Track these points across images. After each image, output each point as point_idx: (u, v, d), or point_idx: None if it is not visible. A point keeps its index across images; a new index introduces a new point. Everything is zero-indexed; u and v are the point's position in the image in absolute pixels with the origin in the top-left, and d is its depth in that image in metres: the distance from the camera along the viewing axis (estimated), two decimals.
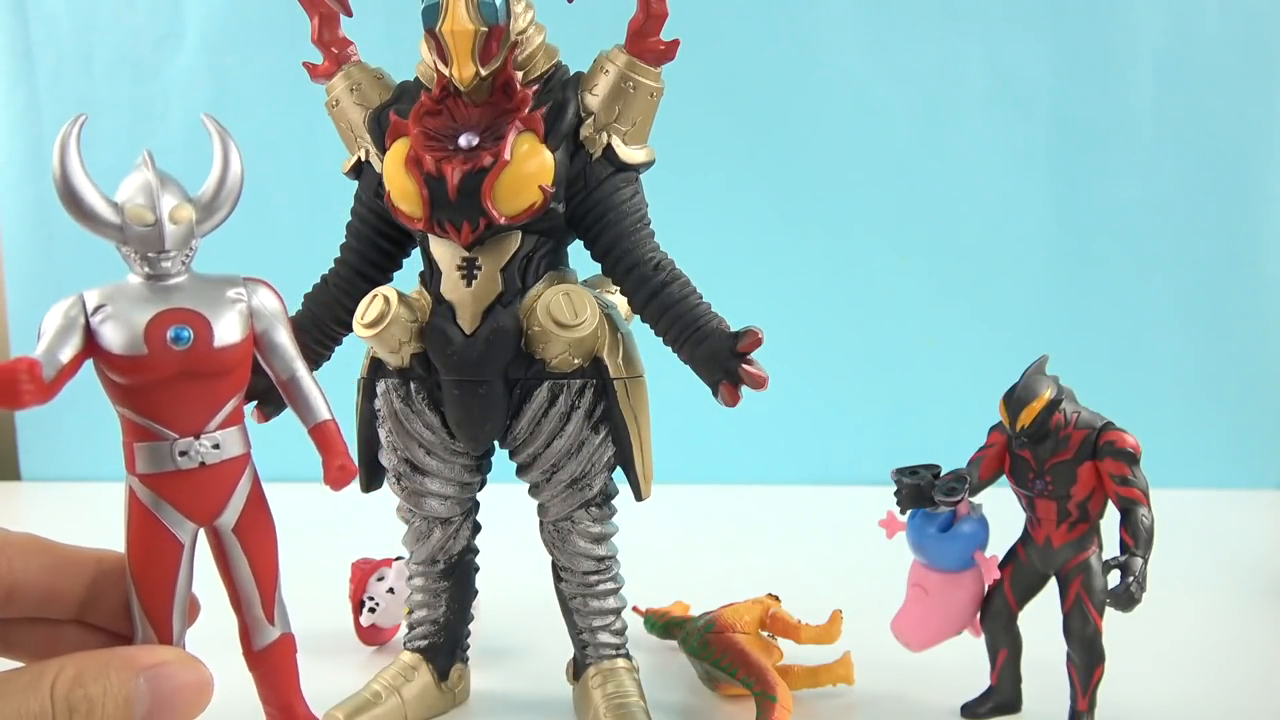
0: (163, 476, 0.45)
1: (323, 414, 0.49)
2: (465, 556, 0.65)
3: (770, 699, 0.60)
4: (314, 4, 0.60)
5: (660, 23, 0.56)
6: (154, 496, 0.45)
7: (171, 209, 0.45)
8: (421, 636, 0.64)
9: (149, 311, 0.44)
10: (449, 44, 0.55)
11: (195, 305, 0.45)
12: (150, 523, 0.46)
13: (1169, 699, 0.66)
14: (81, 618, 0.46)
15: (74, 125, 0.45)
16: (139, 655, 0.41)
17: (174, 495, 0.46)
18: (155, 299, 0.45)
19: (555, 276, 0.58)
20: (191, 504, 0.46)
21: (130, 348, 0.43)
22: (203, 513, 0.47)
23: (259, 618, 0.49)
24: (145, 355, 0.43)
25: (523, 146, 0.55)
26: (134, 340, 0.43)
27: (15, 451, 1.46)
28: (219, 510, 0.47)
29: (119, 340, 0.43)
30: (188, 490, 0.46)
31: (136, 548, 0.46)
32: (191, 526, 0.46)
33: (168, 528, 0.46)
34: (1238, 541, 1.08)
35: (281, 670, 0.51)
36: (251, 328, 0.47)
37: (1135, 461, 0.56)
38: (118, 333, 0.43)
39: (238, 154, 0.48)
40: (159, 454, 0.45)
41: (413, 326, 0.57)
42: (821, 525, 1.16)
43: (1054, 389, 0.58)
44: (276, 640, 0.50)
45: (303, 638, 0.51)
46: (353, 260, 0.61)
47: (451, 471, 0.61)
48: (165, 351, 0.44)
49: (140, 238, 0.44)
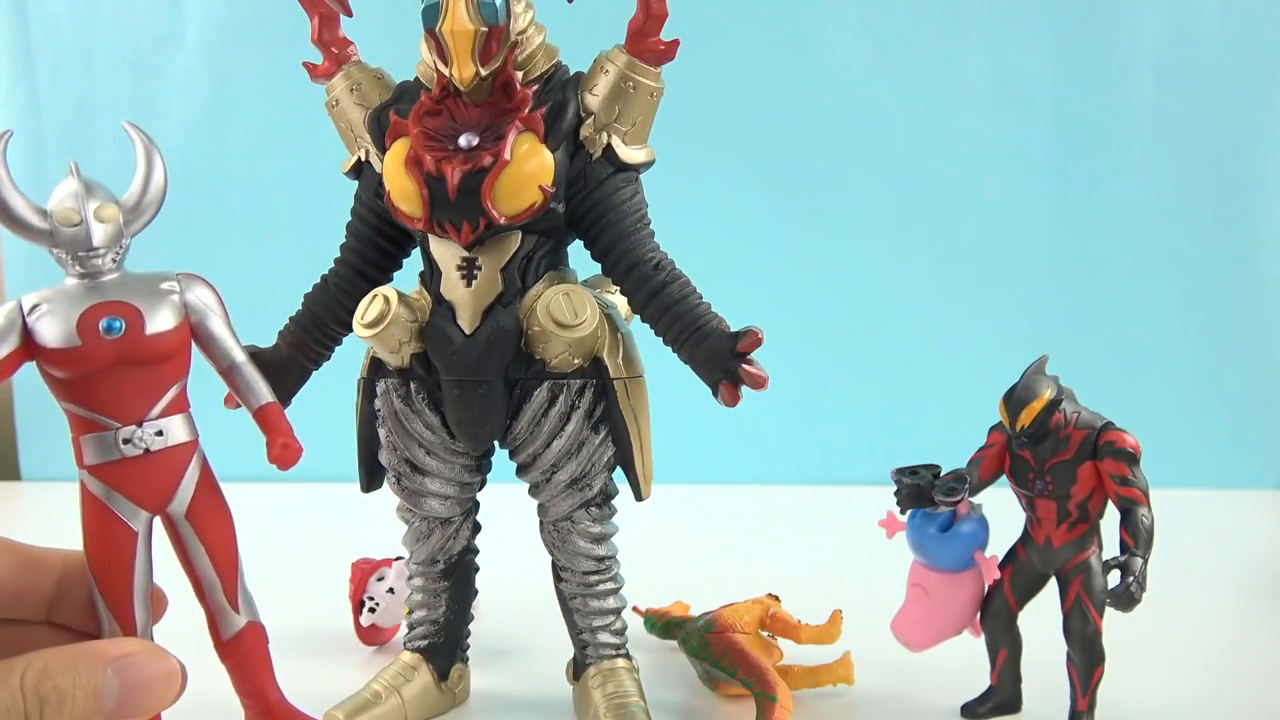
0: (110, 466, 0.47)
1: (265, 397, 0.51)
2: (465, 556, 0.65)
3: (770, 699, 0.60)
4: (314, 4, 0.60)
5: (660, 23, 0.56)
6: (104, 487, 0.47)
7: (96, 209, 0.47)
8: (421, 636, 0.64)
9: (81, 306, 0.47)
10: (449, 44, 0.55)
11: (126, 297, 0.47)
12: (103, 513, 0.47)
13: (1169, 699, 0.66)
14: (50, 618, 0.46)
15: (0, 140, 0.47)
16: (106, 648, 0.41)
17: (123, 484, 0.48)
18: (89, 295, 0.47)
19: (555, 276, 0.58)
20: (141, 492, 0.48)
21: (64, 340, 0.46)
22: (153, 500, 0.48)
23: (222, 605, 0.51)
24: (79, 346, 0.46)
25: (523, 146, 0.55)
26: (68, 333, 0.46)
27: (15, 451, 1.46)
28: (169, 497, 0.49)
29: (54, 334, 0.46)
30: (135, 477, 0.48)
31: (92, 540, 0.48)
32: (145, 515, 0.48)
33: (120, 517, 0.48)
34: (1238, 541, 1.08)
35: (253, 660, 0.52)
36: (186, 319, 0.49)
37: (1135, 461, 0.56)
38: (52, 327, 0.46)
39: (161, 160, 0.51)
40: (104, 443, 0.47)
41: (413, 326, 0.57)
42: (821, 525, 1.16)
43: (1054, 389, 0.58)
44: (244, 629, 0.52)
45: (303, 638, 0.51)
46: (353, 260, 0.61)
47: (451, 471, 0.61)
48: (98, 341, 0.46)
49: (70, 239, 0.47)
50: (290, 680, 0.55)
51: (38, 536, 0.50)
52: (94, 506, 0.48)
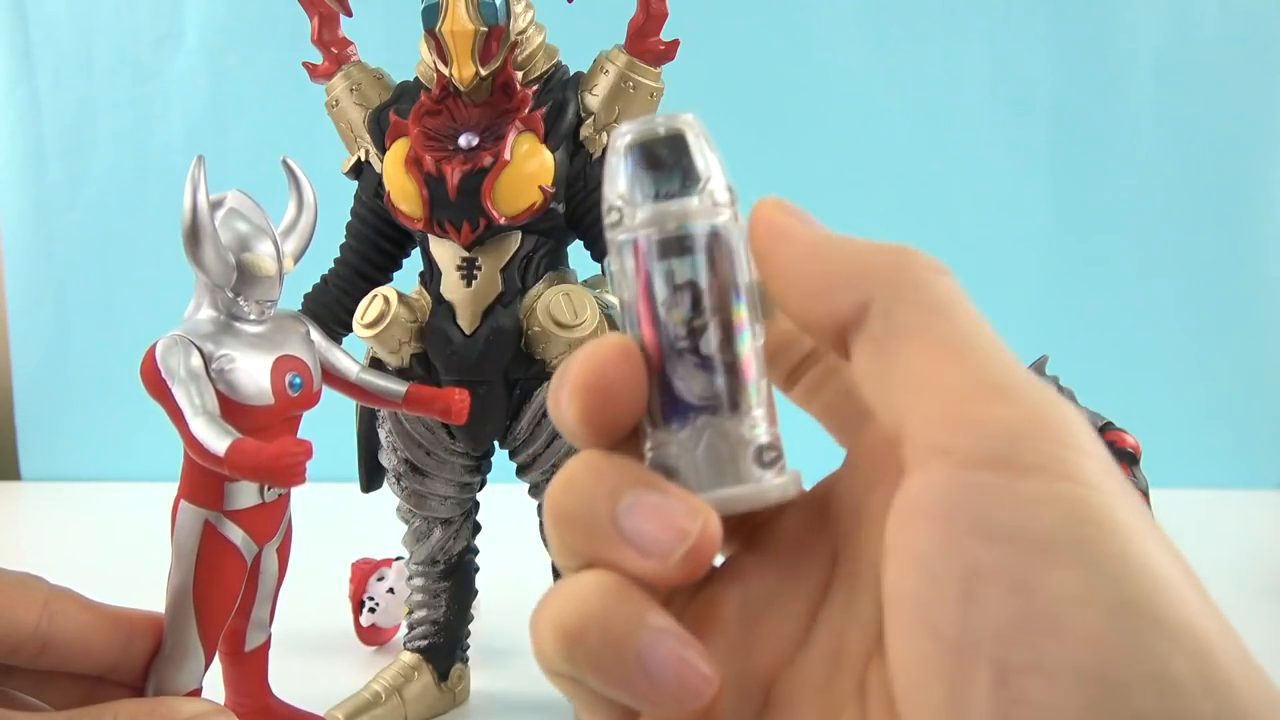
0: (249, 511, 0.49)
1: (400, 387, 0.53)
2: (465, 557, 0.65)
3: None
4: (314, 4, 0.60)
5: (660, 23, 0.56)
6: (233, 527, 0.49)
7: (284, 261, 0.49)
8: (421, 636, 0.64)
9: (266, 359, 0.47)
10: (449, 44, 0.55)
11: (293, 350, 0.49)
12: (227, 551, 0.49)
13: None
14: (105, 675, 0.47)
15: (200, 167, 0.47)
16: (181, 707, 0.42)
17: (253, 525, 0.49)
18: (263, 345, 0.48)
19: (555, 277, 0.58)
20: (263, 531, 0.50)
21: (259, 398, 0.47)
22: (266, 537, 0.50)
23: (262, 620, 0.53)
24: (273, 405, 0.47)
25: (523, 147, 0.55)
26: (262, 390, 0.47)
27: (15, 451, 1.46)
28: (275, 534, 0.51)
29: (248, 390, 0.46)
30: (264, 520, 0.50)
31: (208, 574, 0.48)
32: (255, 550, 0.50)
33: (242, 555, 0.49)
34: (1238, 541, 1.08)
35: (261, 667, 0.54)
36: (319, 363, 0.51)
37: (1135, 462, 0.56)
38: (245, 382, 0.46)
39: (314, 209, 0.52)
40: (249, 491, 0.48)
41: (412, 327, 0.57)
42: None
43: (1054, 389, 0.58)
44: (265, 641, 0.54)
45: (303, 638, 0.51)
46: (353, 260, 0.61)
47: (451, 472, 0.61)
48: (285, 398, 0.48)
49: (259, 288, 0.47)
50: (290, 680, 0.55)
51: (38, 536, 0.50)
52: (218, 545, 0.48)
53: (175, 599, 0.49)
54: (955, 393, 0.20)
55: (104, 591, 0.48)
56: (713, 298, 0.23)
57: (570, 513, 0.22)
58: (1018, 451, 0.19)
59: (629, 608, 0.21)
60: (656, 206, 0.23)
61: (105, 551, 0.98)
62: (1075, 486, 0.18)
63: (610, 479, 0.22)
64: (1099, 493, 0.18)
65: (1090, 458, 0.19)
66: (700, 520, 0.21)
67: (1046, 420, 0.19)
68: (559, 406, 0.23)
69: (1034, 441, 0.19)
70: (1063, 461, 0.19)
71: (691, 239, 0.23)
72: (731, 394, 0.23)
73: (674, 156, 0.23)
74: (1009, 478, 0.18)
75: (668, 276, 0.23)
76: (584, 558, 0.23)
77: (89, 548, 1.01)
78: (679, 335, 0.23)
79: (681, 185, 0.23)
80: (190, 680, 0.48)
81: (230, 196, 0.48)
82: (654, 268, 0.23)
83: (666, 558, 0.21)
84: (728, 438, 0.23)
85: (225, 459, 0.43)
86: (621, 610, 0.21)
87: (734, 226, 0.23)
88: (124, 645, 0.46)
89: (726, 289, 0.23)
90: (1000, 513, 0.18)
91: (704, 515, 0.21)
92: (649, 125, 0.23)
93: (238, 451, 0.43)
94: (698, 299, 0.23)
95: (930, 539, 0.19)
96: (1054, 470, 0.19)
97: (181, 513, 0.49)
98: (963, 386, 0.20)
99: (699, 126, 0.24)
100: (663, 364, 0.23)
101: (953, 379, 0.20)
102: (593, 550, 0.22)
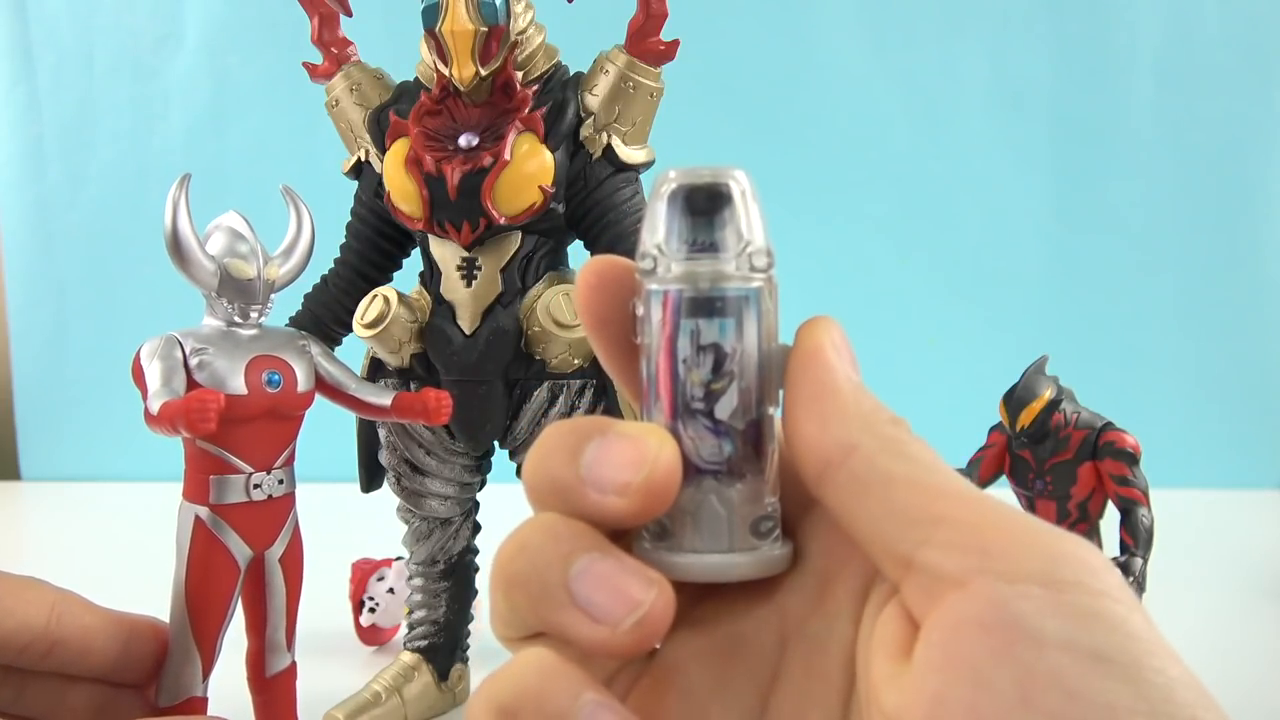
0: (234, 507, 0.50)
1: (386, 396, 0.55)
2: (465, 557, 0.65)
3: None
4: (314, 4, 0.60)
5: (660, 23, 0.56)
6: (223, 525, 0.50)
7: (268, 268, 0.51)
8: (421, 637, 0.64)
9: (245, 356, 0.49)
10: (449, 44, 0.55)
11: (279, 353, 0.51)
12: (217, 550, 0.50)
13: None
14: (106, 676, 0.47)
15: (181, 188, 0.50)
16: None
17: (241, 524, 0.50)
18: (247, 345, 0.50)
19: (555, 277, 0.58)
20: (255, 533, 0.51)
21: (231, 388, 0.48)
22: (261, 542, 0.51)
23: (279, 643, 0.53)
24: (245, 395, 0.49)
25: (523, 147, 0.55)
26: (235, 382, 0.49)
27: (15, 451, 1.46)
28: (273, 541, 0.51)
29: (220, 380, 0.48)
30: (253, 521, 0.50)
31: (199, 573, 0.50)
32: (249, 554, 0.51)
33: (231, 554, 0.50)
34: (1238, 541, 1.08)
35: (288, 696, 0.54)
36: (315, 373, 0.53)
37: (1135, 462, 0.56)
38: (219, 373, 0.48)
39: (310, 224, 0.54)
40: (235, 486, 0.50)
41: (413, 327, 0.57)
42: None
43: (1054, 389, 0.58)
44: (288, 667, 0.54)
45: (303, 638, 0.51)
46: (353, 260, 0.61)
47: (451, 471, 0.61)
48: (260, 392, 0.49)
49: (239, 290, 0.50)
50: None
51: (37, 536, 0.50)
52: (208, 542, 0.49)
53: (175, 598, 0.50)
54: (974, 521, 0.21)
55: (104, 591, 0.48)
56: (735, 363, 0.22)
57: (521, 575, 0.22)
58: (1057, 568, 0.20)
59: (566, 683, 0.21)
60: (691, 262, 0.22)
61: (105, 552, 0.98)
62: (1113, 604, 0.20)
63: (566, 543, 0.22)
64: (1132, 610, 0.20)
65: (1113, 574, 0.20)
66: (654, 590, 0.21)
67: (1063, 541, 0.21)
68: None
69: (1067, 560, 0.20)
70: (1095, 577, 0.20)
71: (723, 302, 0.22)
72: (739, 461, 0.22)
73: (716, 209, 0.23)
74: (1054, 591, 0.19)
75: (693, 335, 0.22)
76: (529, 628, 0.22)
77: (89, 548, 1.01)
78: (695, 396, 0.22)
79: (720, 242, 0.23)
80: (190, 685, 0.48)
81: (225, 218, 0.51)
82: (681, 324, 0.22)
83: (617, 625, 0.21)
84: (729, 504, 0.22)
85: (156, 413, 0.45)
86: (559, 684, 0.21)
87: (767, 294, 0.23)
88: (124, 647, 0.47)
89: (750, 357, 0.22)
90: (1052, 622, 0.19)
91: (658, 585, 0.21)
92: (696, 174, 0.23)
93: (164, 405, 0.45)
94: (720, 362, 0.22)
95: (984, 648, 0.19)
96: (1090, 586, 0.20)
97: (179, 510, 0.50)
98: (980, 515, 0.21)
99: (746, 182, 0.23)
100: (674, 420, 0.22)
101: (965, 512, 0.21)
102: (540, 617, 0.22)
